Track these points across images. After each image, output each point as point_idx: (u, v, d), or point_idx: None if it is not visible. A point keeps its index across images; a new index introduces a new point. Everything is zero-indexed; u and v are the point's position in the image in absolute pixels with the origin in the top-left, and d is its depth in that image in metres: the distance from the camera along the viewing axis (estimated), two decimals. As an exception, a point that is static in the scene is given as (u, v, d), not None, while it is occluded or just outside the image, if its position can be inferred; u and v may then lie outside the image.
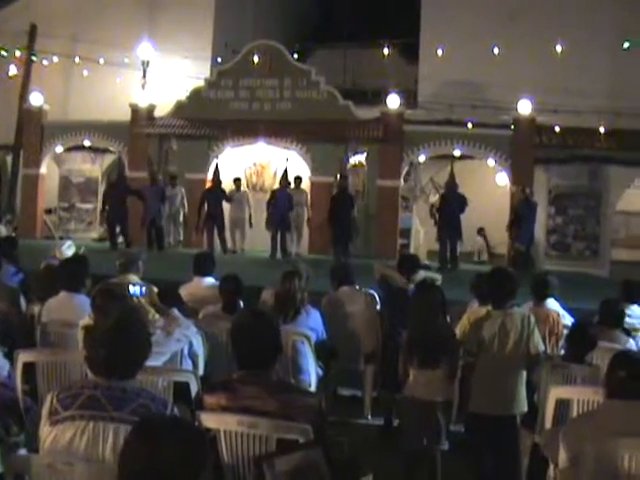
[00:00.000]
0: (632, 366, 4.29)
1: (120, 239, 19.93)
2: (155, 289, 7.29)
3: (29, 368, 5.61)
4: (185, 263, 9.04)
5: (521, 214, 18.46)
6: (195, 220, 20.03)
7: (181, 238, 21.28)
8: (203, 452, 2.77)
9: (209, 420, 4.06)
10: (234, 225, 20.62)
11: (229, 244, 20.24)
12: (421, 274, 8.67)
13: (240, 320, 4.41)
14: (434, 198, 20.55)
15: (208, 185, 20.53)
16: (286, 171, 20.19)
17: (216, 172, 20.36)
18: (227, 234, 20.17)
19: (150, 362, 4.36)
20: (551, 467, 4.87)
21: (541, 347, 6.38)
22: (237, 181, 20.82)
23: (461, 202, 18.31)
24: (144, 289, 6.82)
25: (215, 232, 19.68)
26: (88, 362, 3.75)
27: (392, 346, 7.67)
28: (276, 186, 20.44)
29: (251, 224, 20.38)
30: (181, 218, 21.13)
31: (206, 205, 19.67)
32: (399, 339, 7.13)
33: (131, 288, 6.62)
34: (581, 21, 21.57)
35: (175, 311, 6.46)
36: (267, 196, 20.14)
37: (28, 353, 5.80)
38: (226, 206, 20.02)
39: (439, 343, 6.23)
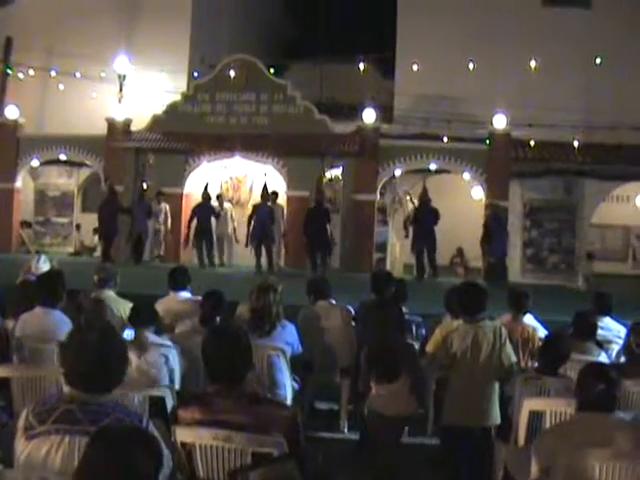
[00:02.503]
0: (602, 378, 4.34)
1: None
2: (130, 304, 7.29)
3: (4, 383, 5.60)
4: (164, 278, 9.04)
5: (491, 228, 18.59)
6: (184, 233, 20.28)
7: (161, 253, 21.25)
8: (160, 459, 2.83)
9: (184, 435, 4.08)
10: (219, 240, 20.77)
11: (216, 259, 20.45)
12: None
13: (208, 337, 4.45)
14: (408, 211, 20.61)
15: (198, 201, 20.57)
16: (265, 185, 20.21)
17: (205, 189, 20.38)
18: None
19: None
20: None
21: (513, 358, 6.43)
22: (219, 197, 21.02)
23: (434, 215, 18.59)
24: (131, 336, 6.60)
25: (204, 247, 19.93)
26: (67, 376, 3.75)
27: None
28: (256, 201, 20.43)
29: (237, 239, 20.53)
30: (162, 234, 21.26)
31: (195, 221, 19.86)
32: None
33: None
34: (555, 36, 21.78)
35: (149, 337, 6.46)
36: (244, 210, 20.22)
37: (3, 368, 5.78)
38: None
39: (397, 357, 6.25)
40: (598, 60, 20.89)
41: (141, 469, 2.68)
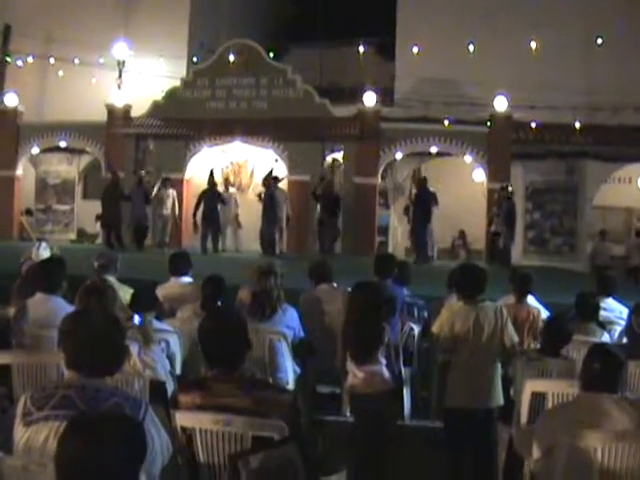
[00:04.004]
0: (606, 359, 4.33)
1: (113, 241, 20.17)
2: (130, 290, 7.28)
3: (5, 370, 5.59)
4: (165, 264, 9.06)
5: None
6: (193, 220, 20.23)
7: (167, 240, 21.10)
8: (139, 445, 2.81)
9: (184, 419, 4.06)
10: (224, 226, 20.78)
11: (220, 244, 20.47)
12: None
13: (205, 320, 4.43)
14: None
15: (203, 187, 20.45)
16: (270, 172, 20.11)
17: (211, 175, 20.33)
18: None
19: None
20: (527, 461, 4.90)
21: (515, 339, 6.42)
22: (227, 182, 21.15)
23: (433, 198, 18.58)
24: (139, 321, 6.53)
25: (209, 234, 19.92)
26: (67, 359, 3.74)
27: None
28: (257, 186, 20.44)
29: (239, 224, 20.51)
30: (169, 220, 21.00)
31: (202, 207, 19.83)
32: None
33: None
34: (555, 17, 21.66)
35: (153, 323, 6.45)
36: (245, 195, 20.28)
37: (3, 355, 5.78)
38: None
39: (370, 338, 6.23)
40: (599, 40, 20.77)
41: (110, 457, 2.67)
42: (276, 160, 21.21)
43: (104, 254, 9.43)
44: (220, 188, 20.53)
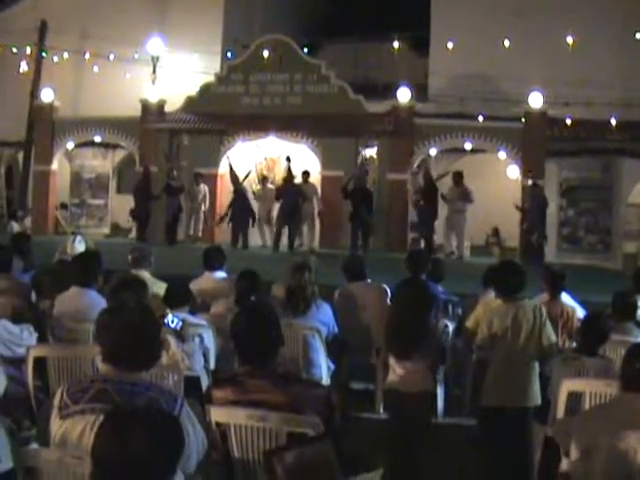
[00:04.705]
0: (641, 357, 4.26)
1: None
2: (164, 285, 7.29)
3: (41, 363, 5.63)
4: (198, 258, 9.10)
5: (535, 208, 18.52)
6: (222, 213, 20.50)
7: (199, 234, 21.20)
8: (176, 441, 2.81)
9: (219, 414, 4.06)
10: (262, 221, 20.85)
11: (260, 241, 20.66)
12: None
13: (238, 316, 4.41)
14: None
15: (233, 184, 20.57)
16: (290, 169, 20.08)
17: (232, 172, 20.50)
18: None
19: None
20: (564, 461, 4.84)
21: (553, 338, 6.36)
22: (265, 179, 21.30)
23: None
24: (180, 324, 6.42)
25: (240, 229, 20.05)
26: (103, 353, 3.74)
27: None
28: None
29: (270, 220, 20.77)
30: (201, 215, 21.22)
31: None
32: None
33: (170, 319, 6.30)
34: (592, 12, 21.44)
35: (187, 318, 6.45)
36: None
37: (39, 348, 5.82)
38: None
39: (413, 333, 6.17)
40: (638, 35, 20.50)
41: (146, 452, 2.67)
42: (288, 159, 20.79)
43: (137, 248, 9.50)
44: (254, 186, 20.62)
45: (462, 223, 19.54)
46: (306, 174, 20.07)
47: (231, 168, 20.62)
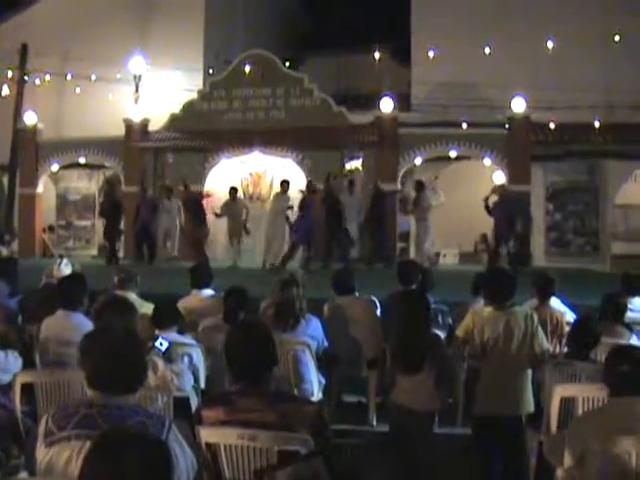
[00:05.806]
0: (632, 361, 4.23)
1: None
2: (151, 306, 7.23)
3: (28, 389, 5.56)
4: (181, 277, 9.04)
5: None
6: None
7: (175, 253, 20.72)
8: (165, 465, 2.76)
9: (209, 435, 4.01)
10: (232, 235, 19.96)
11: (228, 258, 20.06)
12: None
13: (231, 334, 4.37)
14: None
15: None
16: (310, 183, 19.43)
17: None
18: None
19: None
20: (559, 468, 4.81)
21: (545, 345, 6.33)
22: (233, 190, 19.92)
23: None
24: (166, 347, 6.31)
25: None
26: (88, 378, 3.69)
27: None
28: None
29: (247, 231, 19.71)
30: (177, 231, 20.68)
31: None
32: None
33: (158, 342, 6.20)
34: (572, 16, 21.47)
35: (176, 338, 6.39)
36: (265, 205, 20.19)
37: (26, 374, 5.75)
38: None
39: (420, 349, 6.12)
40: (617, 37, 20.59)
41: (128, 478, 2.62)
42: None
43: (123, 269, 9.43)
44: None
45: (425, 230, 19.21)
46: (285, 183, 19.27)
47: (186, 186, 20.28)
